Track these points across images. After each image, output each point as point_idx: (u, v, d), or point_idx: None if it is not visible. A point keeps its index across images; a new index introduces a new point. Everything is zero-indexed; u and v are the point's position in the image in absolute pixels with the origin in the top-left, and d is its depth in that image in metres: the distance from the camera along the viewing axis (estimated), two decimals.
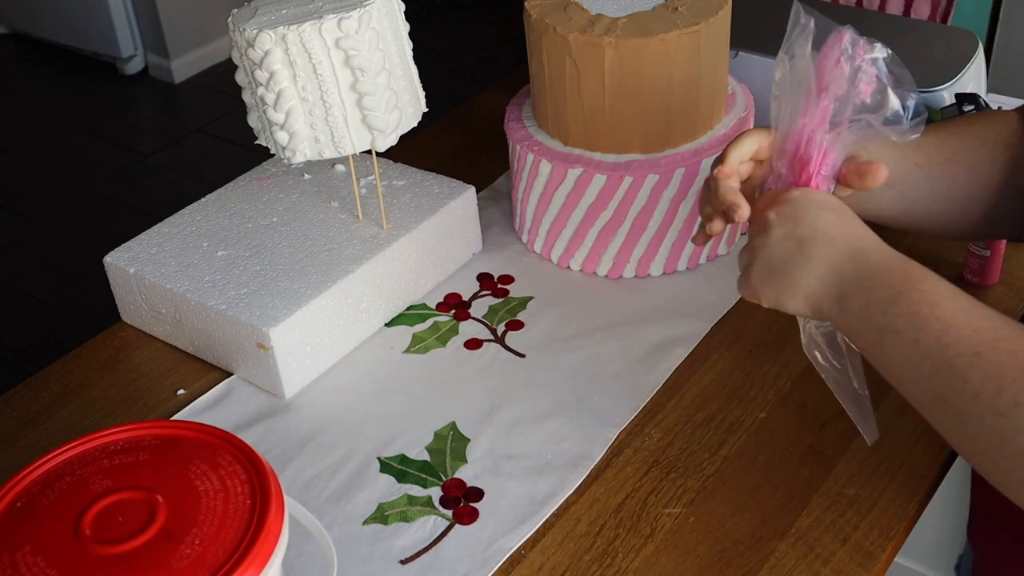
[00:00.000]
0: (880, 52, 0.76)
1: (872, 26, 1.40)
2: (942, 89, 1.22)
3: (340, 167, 1.25)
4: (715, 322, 1.12)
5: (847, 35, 0.76)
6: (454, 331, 1.14)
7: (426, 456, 0.99)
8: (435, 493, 0.95)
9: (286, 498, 0.72)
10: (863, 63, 0.76)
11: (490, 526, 0.92)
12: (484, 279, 1.21)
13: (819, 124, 0.77)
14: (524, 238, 1.25)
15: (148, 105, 3.56)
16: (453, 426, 1.02)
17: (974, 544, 0.93)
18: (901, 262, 0.73)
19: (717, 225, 0.84)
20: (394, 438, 1.01)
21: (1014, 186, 0.86)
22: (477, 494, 0.95)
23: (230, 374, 1.10)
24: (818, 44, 0.77)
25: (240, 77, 1.06)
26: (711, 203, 0.84)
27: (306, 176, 1.25)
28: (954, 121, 0.89)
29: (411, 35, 1.09)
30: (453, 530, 0.92)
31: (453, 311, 1.17)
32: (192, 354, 1.13)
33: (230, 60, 1.11)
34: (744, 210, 0.79)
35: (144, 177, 3.16)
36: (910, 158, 0.84)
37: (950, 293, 0.70)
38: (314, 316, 1.06)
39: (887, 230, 1.21)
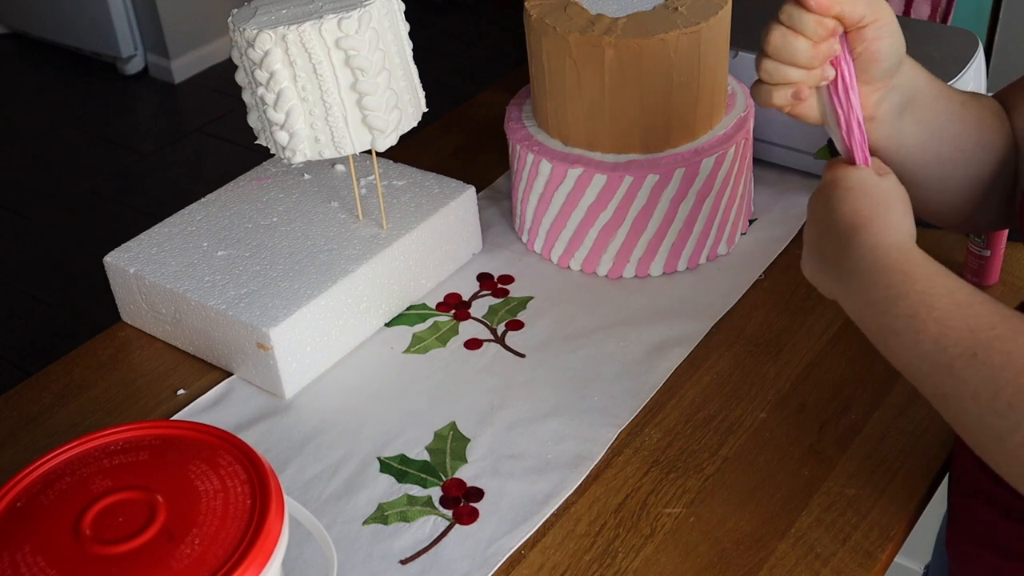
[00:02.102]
0: None
1: None
2: None
3: (340, 167, 1.25)
4: (715, 322, 1.12)
5: None
6: (454, 331, 1.14)
7: (426, 456, 0.99)
8: (435, 493, 0.95)
9: (286, 498, 0.72)
10: None
11: (490, 526, 0.92)
12: (484, 279, 1.21)
13: None
14: (524, 238, 1.25)
15: (148, 105, 3.56)
16: (453, 426, 1.02)
17: (952, 558, 0.94)
18: (900, 259, 0.74)
19: (806, 91, 0.80)
20: (394, 438, 1.01)
21: (1004, 157, 0.89)
22: (477, 494, 0.95)
23: (230, 374, 1.10)
24: None
25: (240, 77, 1.06)
26: (779, 62, 0.79)
27: (306, 176, 1.25)
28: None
29: (411, 35, 1.09)
30: (453, 530, 0.92)
31: (453, 311, 1.17)
32: (192, 354, 1.13)
33: (230, 60, 1.11)
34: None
35: (144, 177, 3.16)
36: (935, 85, 0.86)
37: (946, 290, 0.72)
38: (314, 316, 1.06)
39: None
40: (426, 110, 1.12)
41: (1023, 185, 0.90)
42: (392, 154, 1.25)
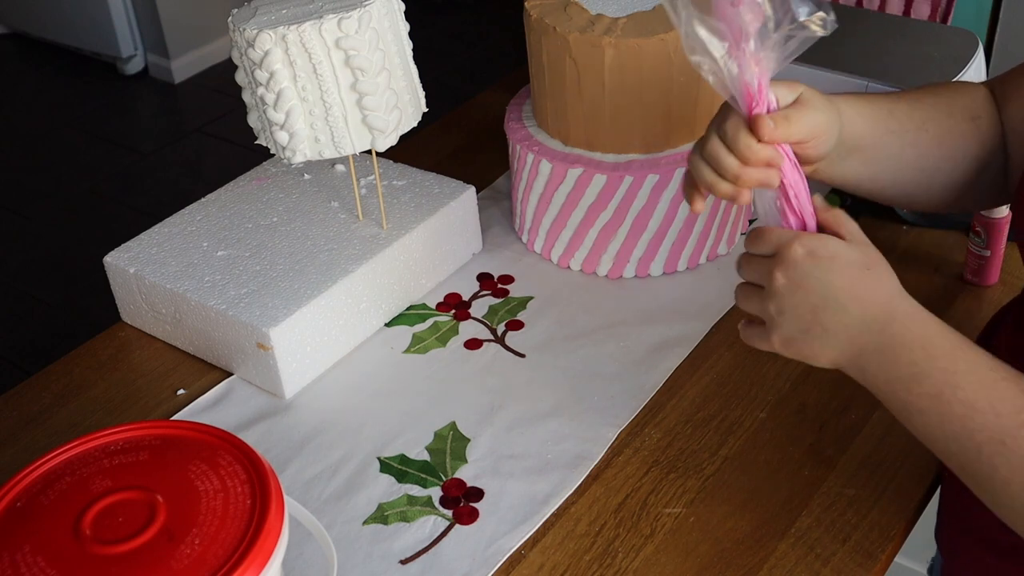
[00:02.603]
0: None
1: (872, 26, 1.40)
2: None
3: (340, 167, 1.25)
4: (715, 322, 1.12)
5: None
6: (454, 331, 1.14)
7: (426, 456, 0.99)
8: (435, 493, 0.95)
9: (286, 498, 0.72)
10: None
11: (490, 526, 0.92)
12: (484, 279, 1.21)
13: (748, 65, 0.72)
14: (524, 238, 1.25)
15: (148, 105, 3.56)
16: (453, 426, 1.02)
17: (942, 549, 0.94)
18: (919, 333, 0.71)
19: (699, 205, 0.82)
20: (394, 438, 1.01)
21: (979, 159, 0.87)
22: (477, 494, 0.95)
23: (230, 374, 1.10)
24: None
25: (240, 77, 1.06)
26: (710, 168, 0.80)
27: (306, 176, 1.25)
28: (923, 89, 0.89)
29: (411, 35, 1.09)
30: (453, 530, 0.92)
31: (453, 311, 1.17)
32: (192, 354, 1.13)
33: (230, 60, 1.11)
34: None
35: (144, 177, 3.16)
36: (883, 124, 0.84)
37: (968, 367, 0.70)
38: (314, 316, 1.06)
39: (875, 218, 1.20)
40: (426, 110, 1.12)
41: (1016, 176, 0.89)
42: (392, 154, 1.25)
